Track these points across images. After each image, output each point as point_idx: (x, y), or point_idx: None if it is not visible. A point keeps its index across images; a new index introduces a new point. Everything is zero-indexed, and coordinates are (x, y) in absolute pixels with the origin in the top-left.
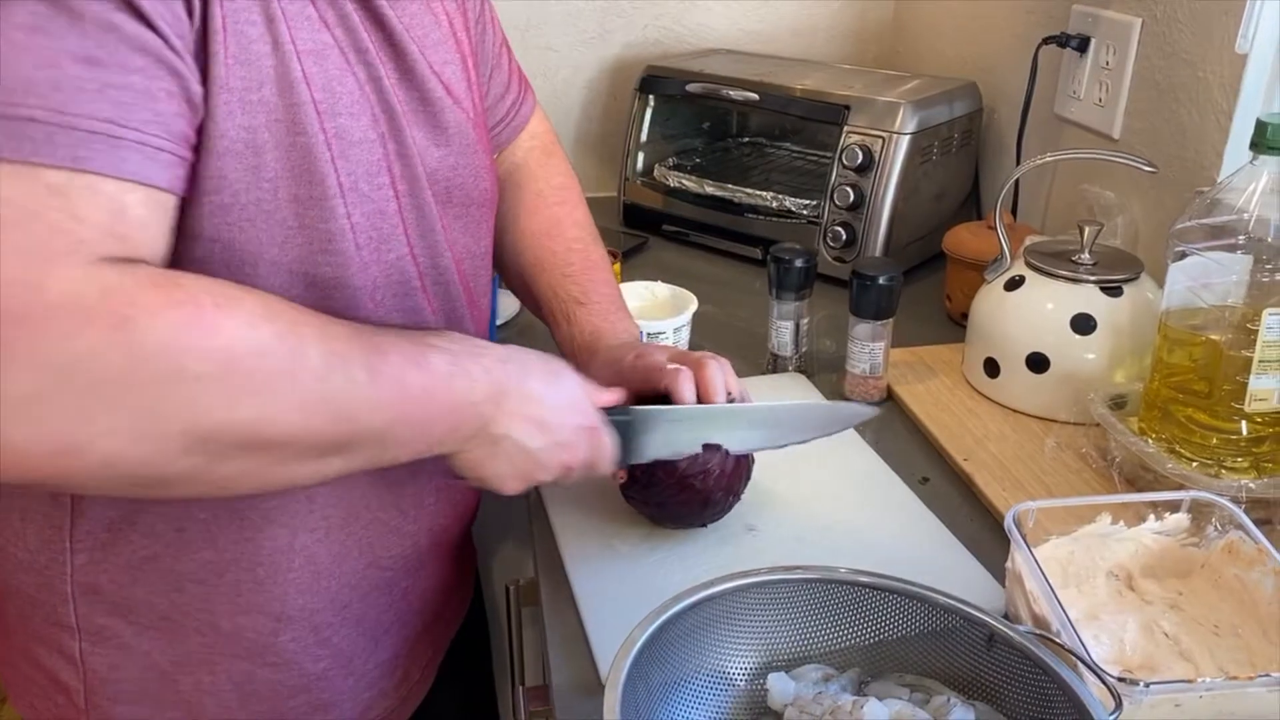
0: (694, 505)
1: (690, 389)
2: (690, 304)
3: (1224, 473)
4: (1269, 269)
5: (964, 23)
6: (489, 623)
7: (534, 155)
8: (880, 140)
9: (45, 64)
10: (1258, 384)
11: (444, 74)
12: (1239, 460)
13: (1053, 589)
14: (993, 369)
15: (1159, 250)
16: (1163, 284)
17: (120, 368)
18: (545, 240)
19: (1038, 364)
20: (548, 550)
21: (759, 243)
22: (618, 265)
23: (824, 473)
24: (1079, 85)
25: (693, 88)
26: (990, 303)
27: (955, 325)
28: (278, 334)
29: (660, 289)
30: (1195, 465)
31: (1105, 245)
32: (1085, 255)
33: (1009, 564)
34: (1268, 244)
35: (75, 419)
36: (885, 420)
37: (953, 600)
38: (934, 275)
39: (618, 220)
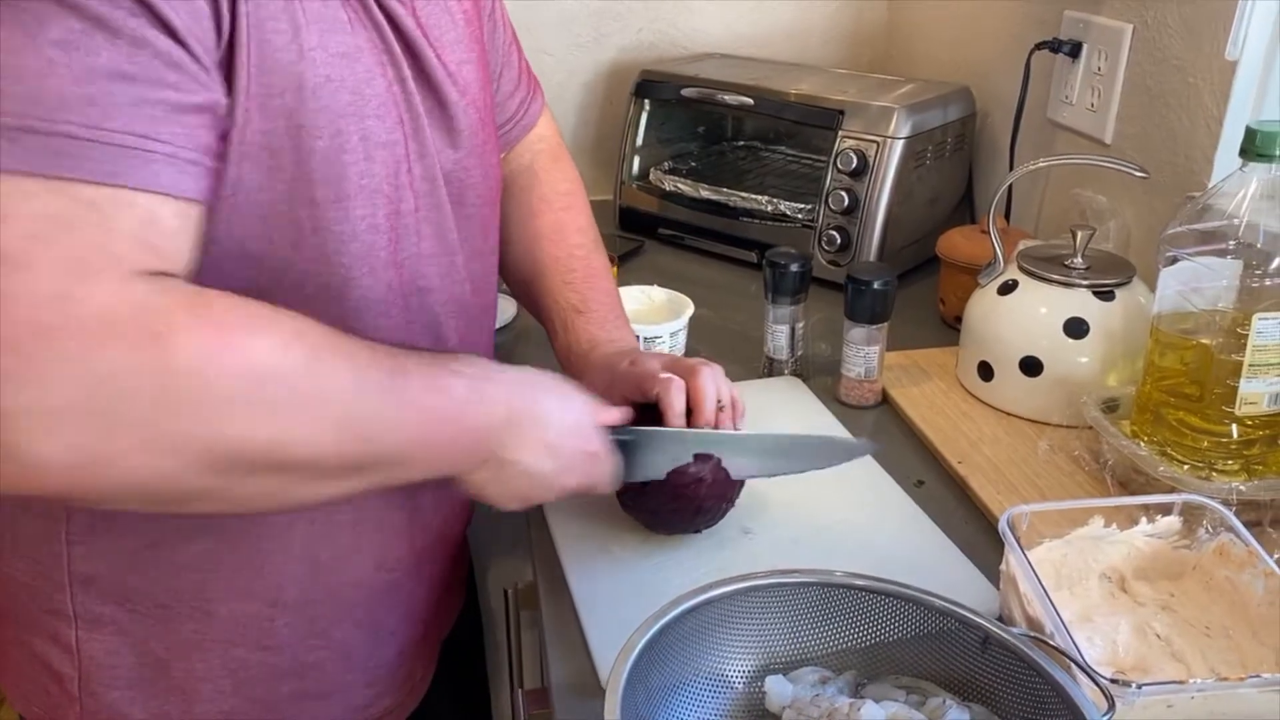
0: (687, 513)
1: (680, 398)
2: (686, 308)
3: (1215, 475)
4: (1259, 274)
5: (957, 27)
6: (483, 626)
7: (541, 159)
8: (875, 145)
9: (80, 80)
10: (1248, 388)
11: (460, 74)
12: (1230, 463)
13: (1046, 591)
14: (986, 372)
15: (1151, 254)
16: (1154, 288)
17: (148, 385)
18: (548, 245)
19: (1031, 367)
20: (546, 554)
21: (754, 246)
22: (614, 269)
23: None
24: (1071, 90)
25: (688, 92)
26: (984, 307)
27: (949, 328)
28: (306, 357)
29: (657, 293)
30: (1186, 468)
31: (1097, 249)
32: (1078, 259)
33: (1003, 566)
34: (1257, 249)
35: (100, 434)
36: (880, 424)
37: (948, 603)
38: (928, 279)
39: (613, 224)
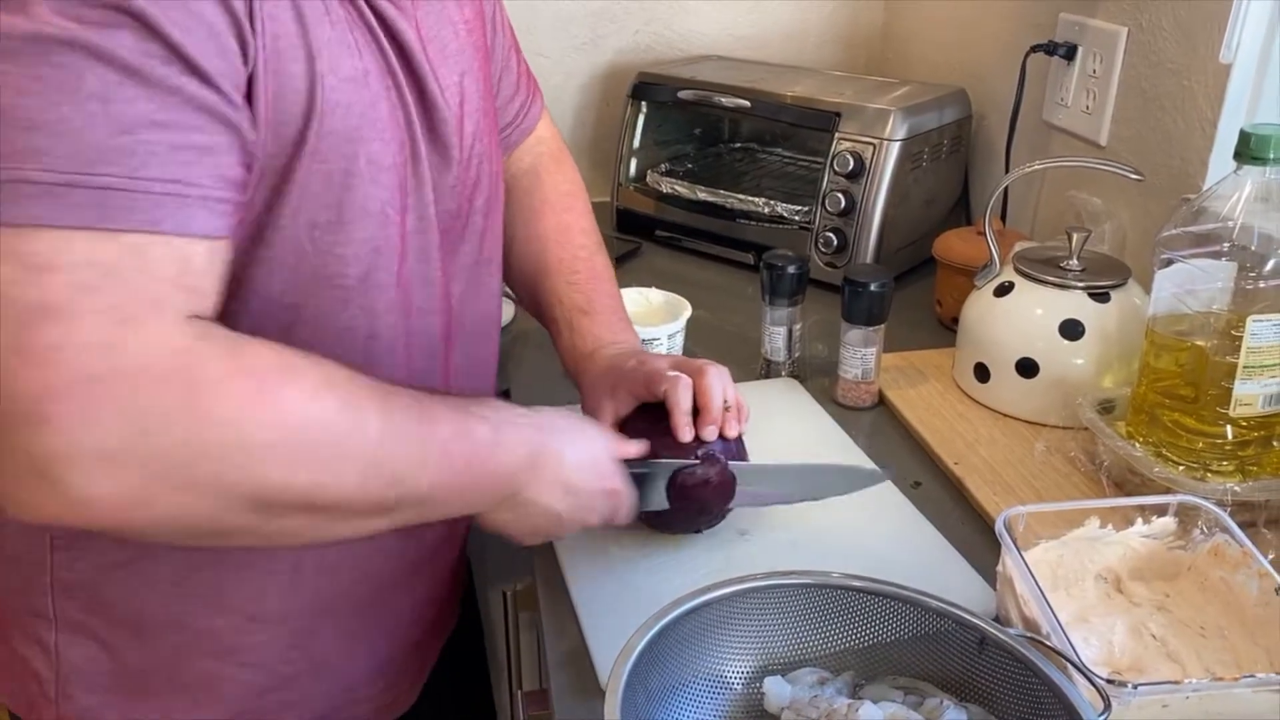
0: (690, 513)
1: (688, 396)
2: (684, 310)
3: (1210, 476)
4: (1253, 276)
5: (953, 30)
6: (484, 630)
7: (544, 160)
8: (871, 147)
9: (118, 131)
10: (1242, 389)
11: (459, 87)
12: (1224, 464)
13: (1043, 592)
14: (983, 374)
15: (1146, 256)
16: (1150, 290)
17: (188, 433)
18: (552, 247)
19: (1027, 369)
20: (545, 557)
21: (751, 248)
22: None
23: None
24: (1067, 93)
25: (685, 94)
26: (980, 308)
27: (946, 330)
28: (338, 405)
29: (654, 295)
30: (1182, 469)
31: (1093, 251)
32: (1073, 261)
33: (1000, 567)
34: (1252, 252)
35: (142, 476)
36: (877, 425)
37: (945, 604)
38: (924, 280)
39: (611, 226)
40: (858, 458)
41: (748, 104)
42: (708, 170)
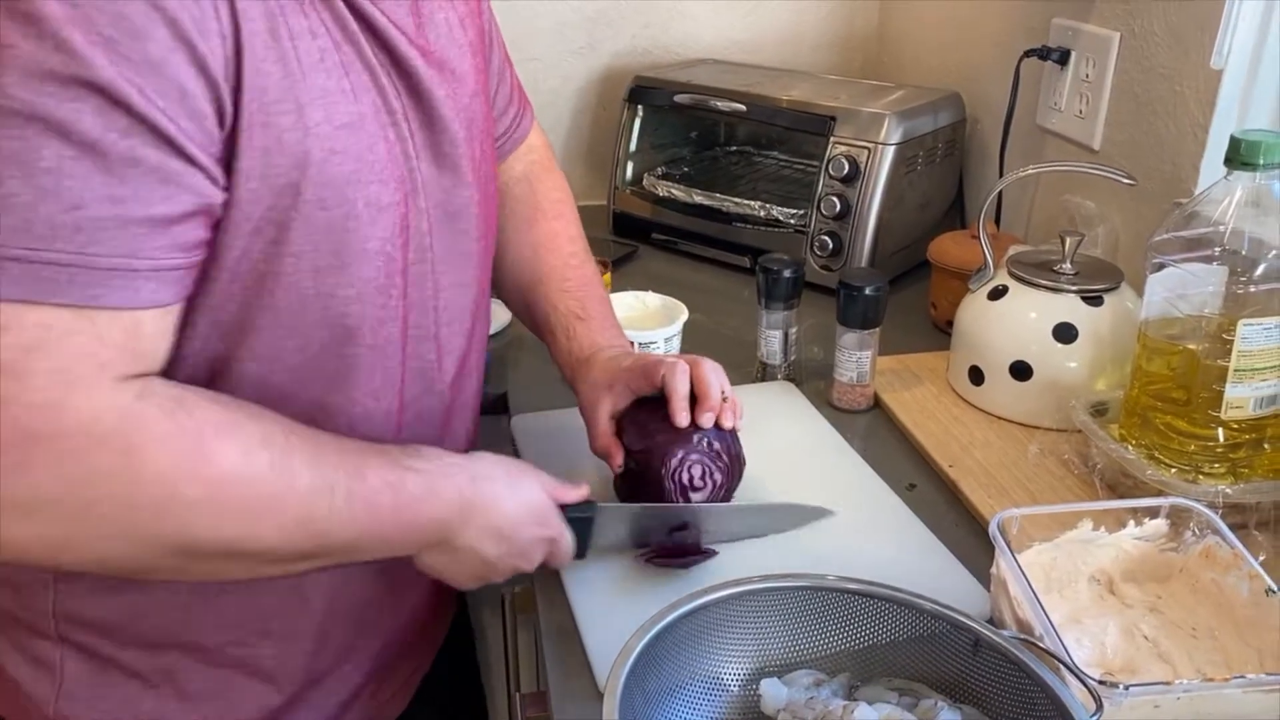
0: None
1: (685, 382)
2: (681, 314)
3: (1201, 479)
4: (1243, 280)
5: (947, 34)
6: (475, 634)
7: (535, 169)
8: (866, 151)
9: (69, 207)
10: (1233, 392)
11: (463, 116)
12: (1216, 466)
13: (1036, 594)
14: (977, 377)
15: (1138, 260)
16: (1142, 294)
17: (121, 490)
18: (544, 254)
19: (1021, 372)
20: None
21: (747, 251)
22: (608, 275)
23: (812, 480)
24: (1060, 97)
25: (681, 98)
26: (974, 312)
27: (940, 333)
28: (271, 462)
29: (651, 299)
30: (1174, 471)
31: (1086, 255)
32: (1067, 265)
33: (993, 570)
34: (1242, 256)
35: (73, 525)
36: (872, 428)
37: (939, 606)
38: (919, 283)
39: (607, 229)
40: (855, 462)
41: (743, 108)
42: (704, 174)
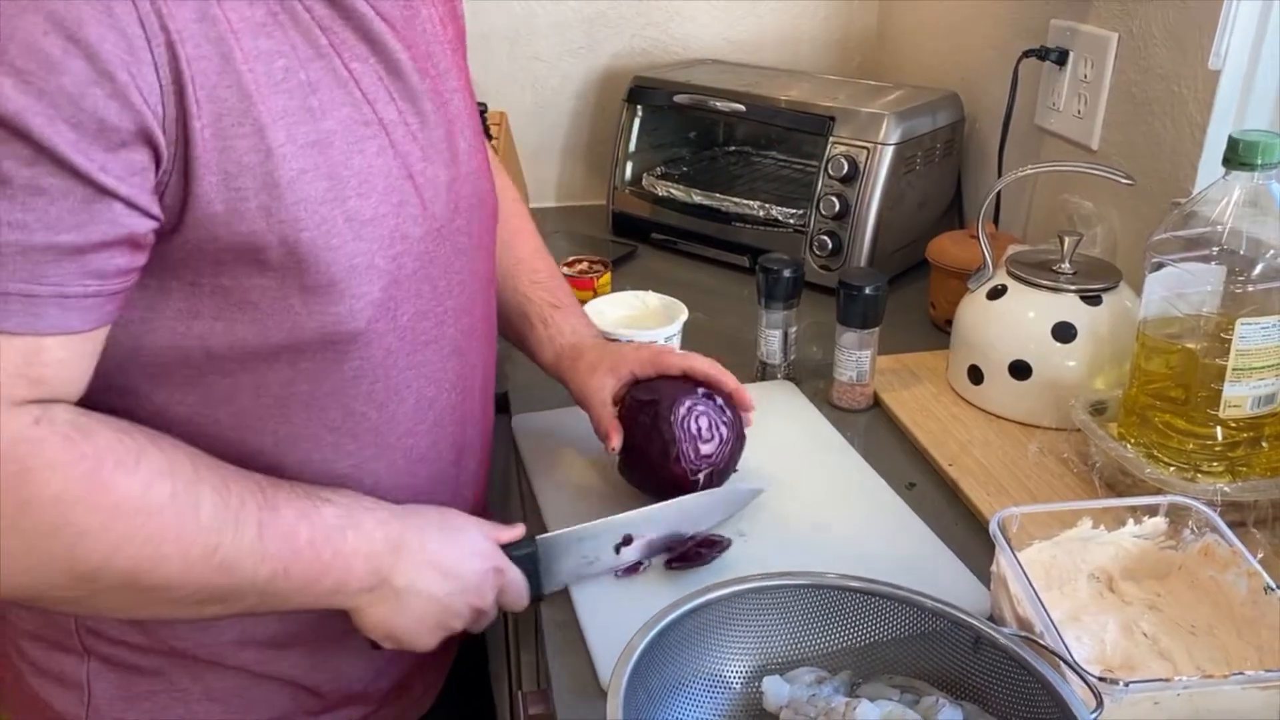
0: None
1: (704, 363)
2: (681, 313)
3: (1200, 477)
4: (1242, 280)
5: (946, 34)
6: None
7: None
8: (865, 151)
9: None
10: (1232, 391)
11: (442, 111)
12: (1214, 465)
13: (1036, 592)
14: (976, 376)
15: (1137, 259)
16: (1141, 293)
17: (11, 513)
18: (514, 248)
19: (1020, 371)
20: None
21: (746, 251)
22: (607, 275)
23: (813, 479)
24: (1058, 97)
25: (680, 98)
26: (974, 311)
27: (939, 332)
28: (173, 492)
29: (651, 298)
30: (1172, 470)
31: (1085, 255)
32: (1065, 265)
33: (994, 568)
34: (1241, 255)
35: None
36: (872, 427)
37: (940, 604)
38: (918, 282)
39: (606, 229)
40: (855, 462)
41: (743, 108)
42: (703, 174)
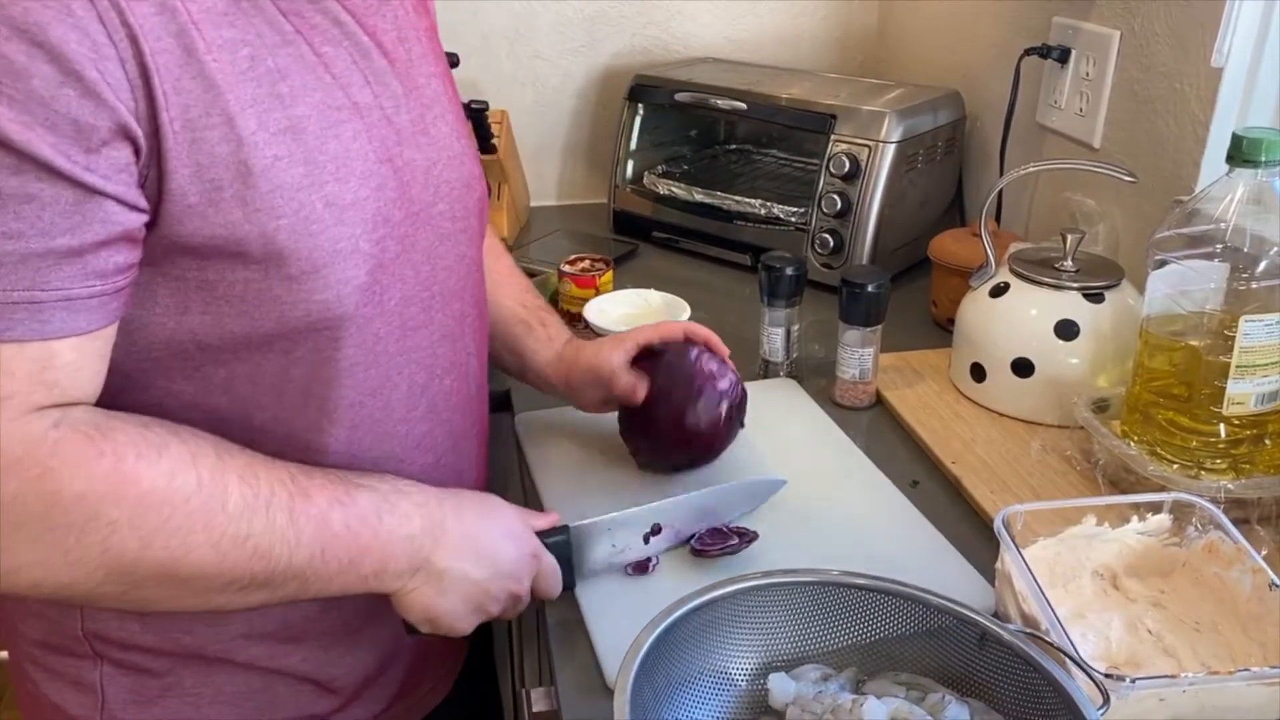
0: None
1: (706, 332)
2: (683, 311)
3: (1203, 474)
4: (1245, 277)
5: (947, 32)
6: (491, 629)
7: None
8: (866, 149)
9: None
10: (1235, 388)
11: (419, 95)
12: (1218, 462)
13: (1041, 589)
14: (979, 374)
15: (1140, 257)
16: (1143, 290)
17: (38, 513)
18: (493, 270)
19: (1023, 369)
20: None
21: (748, 249)
22: (609, 273)
23: (816, 477)
24: (1060, 95)
25: (681, 97)
26: (976, 309)
27: (941, 330)
28: (199, 480)
29: (653, 296)
30: (1176, 467)
31: (1087, 252)
32: (1068, 262)
33: (998, 565)
34: (1244, 253)
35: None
36: (875, 425)
37: (945, 601)
38: (920, 281)
39: (608, 227)
40: (859, 459)
41: (744, 106)
42: (704, 172)
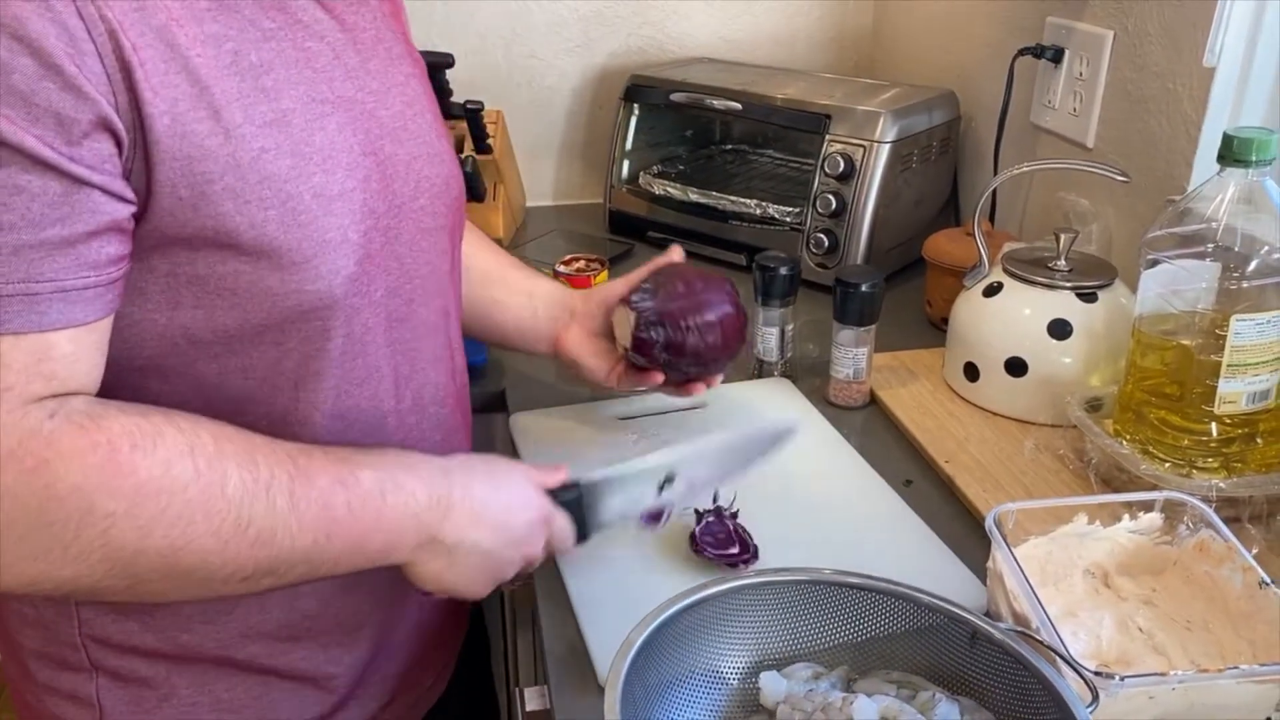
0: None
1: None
2: None
3: (1195, 473)
4: (1236, 276)
5: (941, 32)
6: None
7: None
8: (861, 149)
9: None
10: (1227, 387)
11: (400, 89)
12: (1209, 461)
13: (1032, 587)
14: (972, 373)
15: (1132, 256)
16: (1136, 290)
17: (35, 506)
18: (482, 238)
19: (1016, 368)
20: None
21: (743, 249)
22: (604, 273)
23: (810, 476)
24: (1054, 95)
25: (677, 97)
26: (969, 308)
27: (935, 330)
28: (196, 469)
29: None
30: (1168, 466)
31: (1080, 252)
32: (1061, 262)
33: (990, 563)
34: (1235, 252)
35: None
36: (868, 424)
37: (936, 599)
38: (914, 280)
39: (603, 227)
40: (852, 458)
41: (739, 106)
42: (699, 172)
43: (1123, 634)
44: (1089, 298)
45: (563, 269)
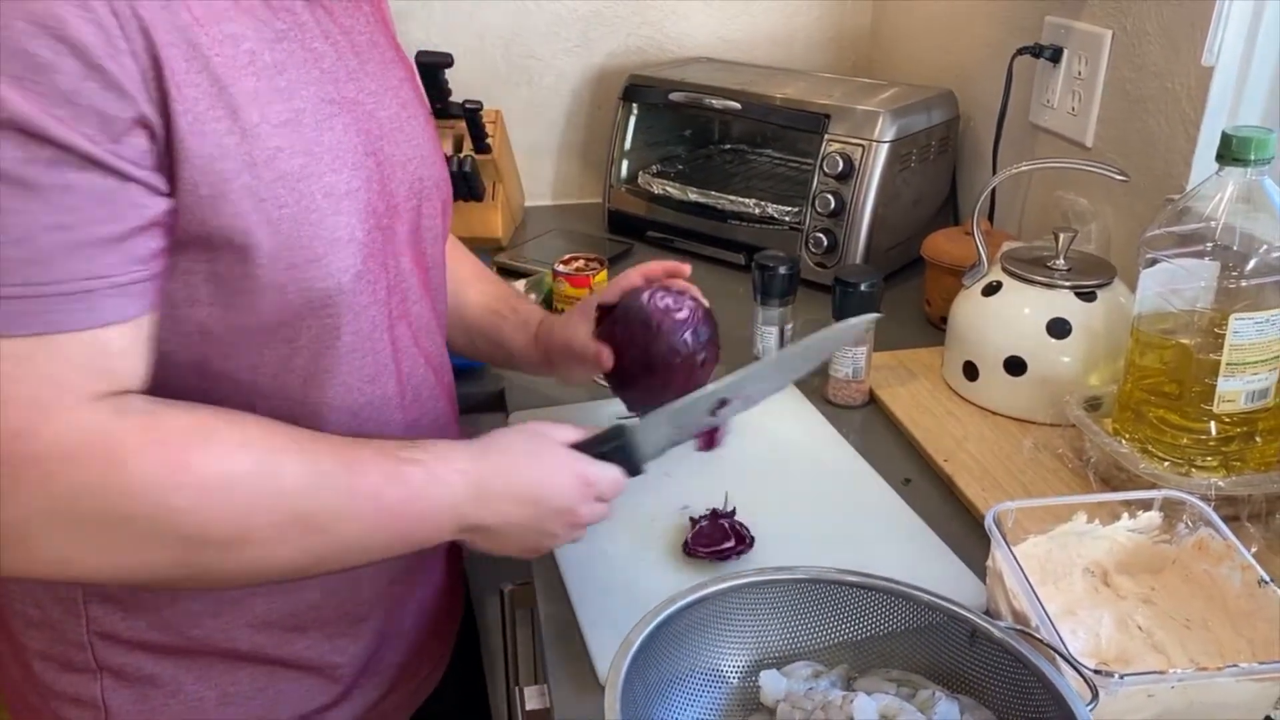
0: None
1: (657, 267)
2: None
3: (1194, 472)
4: (1235, 275)
5: (940, 32)
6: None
7: None
8: (860, 148)
9: (17, 240)
10: (1225, 386)
11: (393, 92)
12: (1208, 459)
13: (1032, 586)
14: (972, 372)
15: (1131, 255)
16: (1135, 289)
17: (110, 503)
18: (461, 264)
19: (1015, 367)
20: (542, 556)
21: (742, 249)
22: (603, 273)
23: (809, 475)
24: (1052, 95)
25: (676, 96)
26: (969, 308)
27: (934, 329)
28: (255, 461)
29: None
30: (1167, 465)
31: (1079, 251)
32: (1060, 261)
33: (989, 562)
34: (1234, 251)
35: (69, 543)
36: (868, 423)
37: (936, 598)
38: (913, 279)
39: (602, 227)
40: (851, 457)
41: (738, 106)
42: (698, 171)
43: (1122, 632)
44: (1088, 297)
45: (562, 269)
